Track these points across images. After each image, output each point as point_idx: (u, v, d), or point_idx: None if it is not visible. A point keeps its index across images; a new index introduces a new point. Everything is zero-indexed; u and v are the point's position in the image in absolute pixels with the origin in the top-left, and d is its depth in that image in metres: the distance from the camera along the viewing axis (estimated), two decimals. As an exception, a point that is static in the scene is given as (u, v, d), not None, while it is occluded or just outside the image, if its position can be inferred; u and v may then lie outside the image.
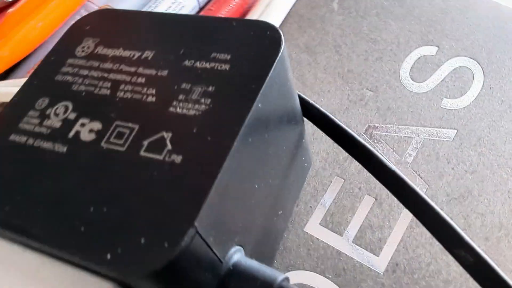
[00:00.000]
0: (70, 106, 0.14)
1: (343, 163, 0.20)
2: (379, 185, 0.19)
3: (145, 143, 0.13)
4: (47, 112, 0.14)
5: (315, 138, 0.20)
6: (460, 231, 0.13)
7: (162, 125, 0.13)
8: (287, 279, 0.13)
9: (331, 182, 0.19)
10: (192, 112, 0.13)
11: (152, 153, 0.12)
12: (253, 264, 0.13)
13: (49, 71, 0.16)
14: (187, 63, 0.14)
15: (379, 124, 0.20)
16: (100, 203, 0.12)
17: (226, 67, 0.14)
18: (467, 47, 0.22)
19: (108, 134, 0.13)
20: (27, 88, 0.15)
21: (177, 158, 0.12)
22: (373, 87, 0.21)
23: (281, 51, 0.14)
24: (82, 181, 0.12)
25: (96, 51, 0.16)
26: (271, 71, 0.13)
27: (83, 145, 0.13)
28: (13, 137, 0.14)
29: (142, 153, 0.13)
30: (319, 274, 0.17)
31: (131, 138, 0.13)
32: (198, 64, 0.14)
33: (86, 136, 0.13)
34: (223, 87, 0.13)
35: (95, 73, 0.15)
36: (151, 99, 0.14)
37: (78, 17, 0.18)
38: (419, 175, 0.19)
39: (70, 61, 0.16)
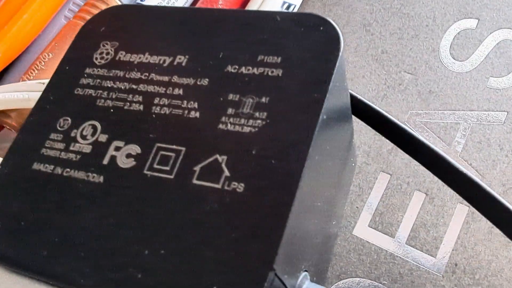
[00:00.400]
0: (99, 126, 0.12)
1: (388, 156, 0.18)
2: (428, 178, 0.18)
3: (197, 169, 0.11)
4: (72, 134, 0.13)
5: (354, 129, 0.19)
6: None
7: (214, 146, 0.11)
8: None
9: (377, 178, 0.18)
10: (246, 129, 0.11)
11: (207, 181, 0.11)
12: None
13: (66, 84, 0.14)
14: (230, 69, 0.12)
15: (422, 110, 0.19)
16: (155, 244, 0.10)
17: (278, 72, 0.12)
18: (510, 18, 0.20)
19: (150, 159, 0.11)
20: (43, 105, 0.13)
21: (239, 186, 0.10)
22: (412, 69, 0.20)
23: (341, 50, 0.12)
24: (128, 217, 0.11)
25: (117, 58, 0.14)
26: (333, 76, 0.11)
27: (123, 173, 0.11)
28: (37, 166, 0.12)
29: (195, 181, 0.11)
30: (374, 281, 0.16)
31: (178, 163, 0.11)
32: (244, 70, 0.12)
33: (124, 162, 0.12)
34: (279, 97, 0.11)
35: (121, 85, 0.13)
36: (194, 114, 0.12)
37: (69, 10, 0.16)
38: (470, 164, 0.18)
39: (88, 71, 0.14)
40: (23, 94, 0.20)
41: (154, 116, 0.12)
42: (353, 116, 0.15)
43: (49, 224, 0.11)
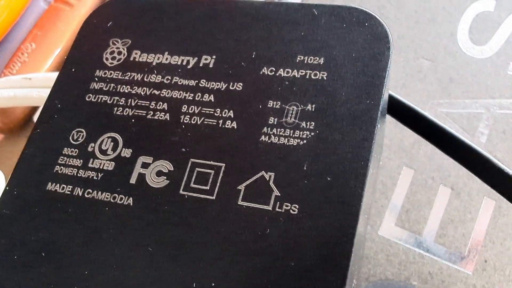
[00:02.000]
0: (120, 140, 0.11)
1: (410, 150, 0.17)
2: (453, 172, 0.17)
3: (241, 188, 0.10)
4: (89, 148, 0.11)
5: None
6: None
7: (258, 161, 0.10)
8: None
9: (400, 174, 0.17)
10: (293, 142, 0.10)
11: (255, 202, 0.10)
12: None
13: (74, 89, 0.12)
14: (266, 71, 0.11)
15: (442, 99, 0.18)
16: (205, 277, 0.09)
17: (322, 75, 0.11)
18: (528, 0, 0.19)
19: (185, 178, 0.10)
20: (51, 115, 0.12)
21: (292, 208, 0.09)
22: (430, 55, 0.19)
23: (391, 49, 0.11)
24: (169, 246, 0.10)
25: (132, 58, 0.12)
26: (386, 79, 0.10)
27: (155, 194, 0.10)
28: (51, 186, 0.11)
29: (240, 202, 0.10)
30: (404, 281, 0.16)
31: (219, 181, 0.10)
32: (282, 73, 0.11)
33: (155, 181, 0.10)
34: (326, 104, 0.10)
35: (140, 90, 0.12)
36: (230, 124, 0.11)
37: None
38: (495, 156, 0.17)
39: (99, 73, 0.12)
40: (8, 91, 0.18)
41: (183, 126, 0.11)
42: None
43: (72, 256, 0.10)
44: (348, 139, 0.10)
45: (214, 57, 0.12)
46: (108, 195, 0.10)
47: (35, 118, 0.20)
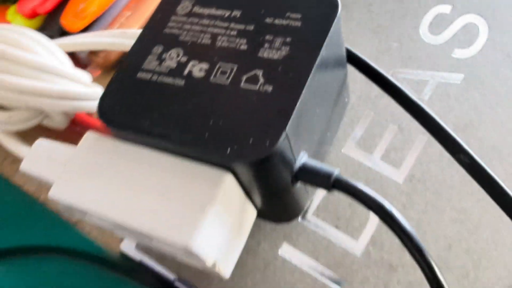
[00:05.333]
0: (181, 52, 0.20)
1: (374, 99, 0.25)
2: (402, 116, 0.24)
3: (244, 78, 0.18)
4: (163, 56, 0.20)
5: (351, 79, 0.26)
6: (459, 140, 0.19)
7: (255, 65, 0.18)
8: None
9: (364, 114, 0.25)
10: (276, 56, 0.18)
11: (249, 85, 0.18)
12: (316, 163, 0.19)
13: (158, 25, 0.21)
14: (268, 20, 0.19)
15: (402, 69, 0.26)
16: (216, 118, 0.17)
17: (298, 24, 0.19)
18: (476, 5, 0.27)
19: (214, 72, 0.19)
20: (143, 39, 0.21)
21: (269, 88, 0.17)
22: (398, 40, 0.26)
23: (338, 13, 0.19)
24: (200, 104, 0.18)
25: (193, 10, 0.21)
26: (331, 28, 0.18)
27: (196, 80, 0.19)
28: (140, 75, 0.19)
29: (242, 85, 0.18)
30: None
31: (232, 74, 0.18)
32: (276, 21, 0.19)
33: (197, 73, 0.19)
34: (297, 39, 0.18)
35: (196, 27, 0.20)
36: (243, 47, 0.19)
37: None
38: (433, 109, 0.24)
39: (173, 18, 0.21)
40: (110, 38, 0.27)
41: (217, 47, 0.19)
42: (349, 66, 0.22)
43: (150, 107, 0.18)
44: (304, 57, 0.18)
45: (240, 11, 0.20)
46: (170, 79, 0.19)
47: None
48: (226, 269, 0.19)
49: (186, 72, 0.19)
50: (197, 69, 0.19)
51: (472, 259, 0.21)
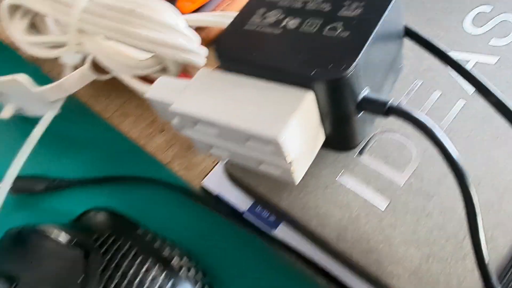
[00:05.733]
0: (279, 12, 0.26)
1: (423, 70, 0.31)
2: (443, 79, 0.30)
3: (326, 28, 0.25)
4: (265, 15, 0.27)
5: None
6: (487, 83, 0.25)
7: (336, 19, 0.25)
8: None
9: (413, 83, 0.31)
10: (352, 14, 0.25)
11: (331, 31, 0.24)
12: (376, 95, 0.25)
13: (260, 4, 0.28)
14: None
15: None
16: (304, 52, 0.24)
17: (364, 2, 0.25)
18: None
19: (304, 25, 0.25)
20: (249, 5, 0.28)
21: (345, 34, 0.24)
22: (444, 30, 0.32)
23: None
24: (291, 44, 0.24)
25: (288, -14, 0.28)
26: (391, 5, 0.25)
27: (289, 29, 0.25)
28: (247, 27, 0.26)
29: (325, 33, 0.24)
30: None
31: (317, 26, 0.25)
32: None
33: (291, 25, 0.26)
34: (368, 4, 0.25)
35: (285, 2, 0.27)
36: (327, 9, 0.26)
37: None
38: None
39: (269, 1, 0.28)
40: (224, 18, 0.35)
41: (306, 10, 0.26)
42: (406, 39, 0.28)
43: (255, 46, 0.25)
44: (371, 17, 0.24)
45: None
46: (270, 29, 0.26)
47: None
48: (299, 172, 0.25)
49: (282, 25, 0.26)
50: (291, 23, 0.26)
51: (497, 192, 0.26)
